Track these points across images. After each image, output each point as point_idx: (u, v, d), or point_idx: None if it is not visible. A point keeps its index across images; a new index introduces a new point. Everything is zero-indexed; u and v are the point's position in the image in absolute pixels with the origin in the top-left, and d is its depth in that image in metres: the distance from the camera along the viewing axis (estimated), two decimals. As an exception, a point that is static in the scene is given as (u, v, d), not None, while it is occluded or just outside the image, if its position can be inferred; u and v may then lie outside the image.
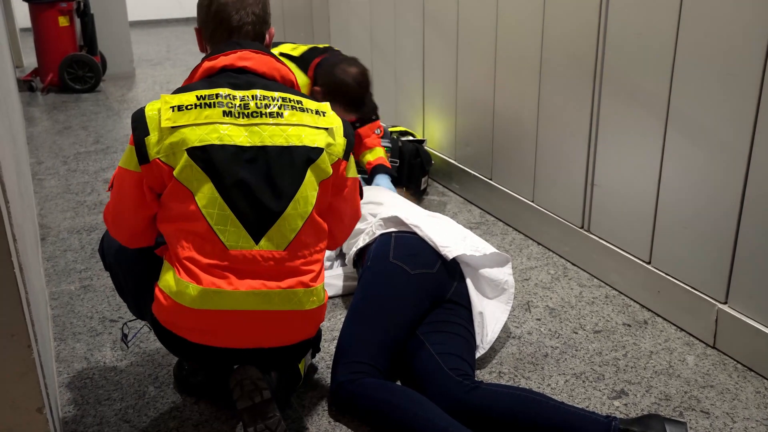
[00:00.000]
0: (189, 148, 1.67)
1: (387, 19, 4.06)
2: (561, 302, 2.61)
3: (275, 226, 1.71)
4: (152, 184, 1.72)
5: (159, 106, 1.71)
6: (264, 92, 1.76)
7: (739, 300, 2.23)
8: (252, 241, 1.69)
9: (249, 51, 1.83)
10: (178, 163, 1.67)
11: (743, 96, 2.08)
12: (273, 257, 1.71)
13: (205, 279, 1.67)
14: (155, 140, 1.68)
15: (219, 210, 1.68)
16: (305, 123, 1.77)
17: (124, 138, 4.71)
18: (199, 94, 1.72)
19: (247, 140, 1.71)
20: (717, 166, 2.22)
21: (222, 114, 1.70)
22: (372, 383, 1.94)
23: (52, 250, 3.06)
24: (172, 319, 1.73)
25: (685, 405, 2.05)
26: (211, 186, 1.67)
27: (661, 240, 2.47)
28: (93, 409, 2.05)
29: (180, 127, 1.68)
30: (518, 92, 3.07)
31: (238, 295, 1.70)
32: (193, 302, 1.68)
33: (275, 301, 1.72)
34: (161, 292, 1.73)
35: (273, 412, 1.77)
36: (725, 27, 2.11)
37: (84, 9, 6.01)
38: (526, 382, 2.16)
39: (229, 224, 1.68)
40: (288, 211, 1.72)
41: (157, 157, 1.68)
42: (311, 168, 1.75)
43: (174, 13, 10.06)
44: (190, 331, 1.74)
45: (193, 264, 1.69)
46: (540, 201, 3.07)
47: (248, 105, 1.73)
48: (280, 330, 1.78)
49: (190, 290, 1.67)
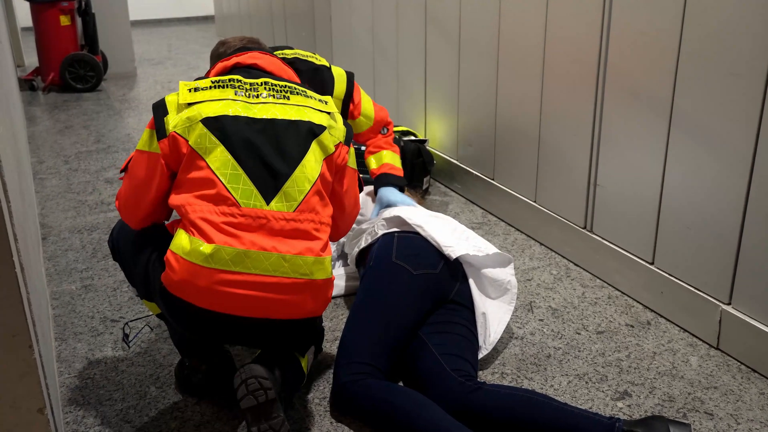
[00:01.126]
0: (204, 119, 1.81)
1: (389, 18, 4.06)
2: (564, 303, 2.60)
3: (284, 187, 1.81)
4: (169, 161, 1.84)
5: (177, 92, 1.88)
6: (272, 81, 1.94)
7: (743, 301, 2.22)
8: (263, 200, 1.79)
9: (258, 53, 2.05)
10: (193, 133, 1.80)
11: (747, 96, 2.07)
12: (284, 217, 1.79)
13: (218, 237, 1.73)
14: (173, 117, 1.83)
15: (231, 170, 1.78)
16: (309, 105, 1.93)
17: (126, 137, 4.70)
18: (213, 79, 1.91)
19: (257, 114, 1.85)
20: (721, 167, 2.21)
21: (234, 93, 1.87)
22: (374, 384, 1.93)
23: (54, 250, 3.06)
24: (182, 279, 1.74)
25: (688, 406, 2.04)
26: (223, 149, 1.79)
27: (664, 240, 2.46)
28: (94, 409, 2.04)
29: (196, 103, 1.84)
30: (520, 92, 3.06)
31: (248, 256, 1.73)
32: (205, 260, 1.72)
33: (285, 268, 1.76)
34: (173, 255, 1.76)
35: (277, 412, 1.76)
36: (729, 27, 2.10)
37: (85, 8, 6.01)
38: (529, 383, 2.15)
39: (242, 183, 1.78)
40: (296, 173, 1.82)
41: (174, 131, 1.81)
42: (315, 141, 1.88)
43: (175, 13, 10.07)
44: (198, 295, 1.75)
45: (206, 223, 1.75)
46: (542, 201, 3.06)
47: (257, 89, 1.91)
48: (289, 299, 1.79)
49: (203, 248, 1.72)
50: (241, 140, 1.80)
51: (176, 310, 1.81)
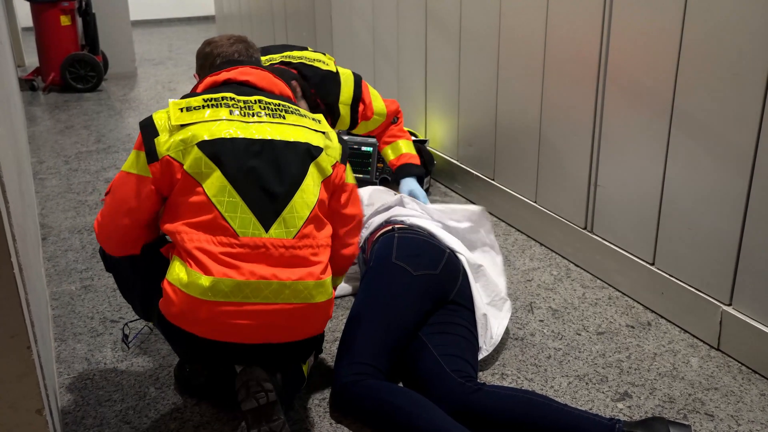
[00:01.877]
0: (199, 142, 1.73)
1: (389, 18, 4.05)
2: (564, 303, 2.60)
3: (284, 214, 1.75)
4: (160, 185, 1.76)
5: (167, 111, 1.79)
6: (265, 99, 1.88)
7: (744, 302, 2.21)
8: (262, 228, 1.73)
9: (249, 67, 1.97)
10: (188, 157, 1.72)
11: (748, 96, 2.07)
12: (283, 245, 1.74)
13: (216, 269, 1.68)
14: (165, 139, 1.74)
15: (229, 197, 1.72)
16: (305, 125, 1.87)
17: (126, 137, 4.70)
18: (205, 97, 1.82)
19: (253, 135, 1.78)
20: (721, 167, 2.20)
21: (229, 113, 1.79)
22: (374, 385, 1.93)
23: (53, 250, 3.06)
24: (181, 312, 1.71)
25: (689, 407, 2.04)
26: (220, 175, 1.72)
27: (664, 241, 2.46)
28: (93, 410, 2.04)
29: (189, 124, 1.75)
30: (521, 92, 3.06)
31: (248, 287, 1.70)
32: (204, 293, 1.68)
33: (286, 294, 1.73)
34: (170, 286, 1.72)
35: (278, 414, 1.76)
36: (730, 26, 2.09)
37: (86, 8, 6.01)
38: (529, 383, 2.14)
39: (239, 211, 1.72)
40: (295, 199, 1.77)
41: (167, 154, 1.73)
42: (313, 164, 1.83)
43: (176, 13, 10.07)
44: (198, 325, 1.72)
45: (203, 254, 1.70)
46: (543, 201, 3.05)
47: (252, 107, 1.83)
48: (290, 324, 1.77)
49: (201, 281, 1.67)
50: (239, 165, 1.73)
51: (177, 339, 1.80)
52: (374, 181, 3.34)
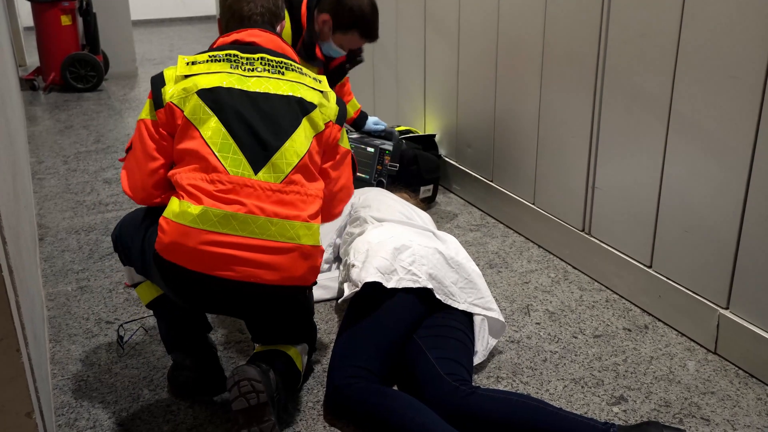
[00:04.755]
0: (199, 90, 1.86)
1: (388, 19, 4.04)
2: (561, 306, 2.59)
3: (273, 159, 1.84)
4: (166, 129, 1.90)
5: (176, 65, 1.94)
6: (268, 56, 1.98)
7: (741, 305, 2.20)
8: (251, 170, 1.82)
9: (258, 30, 2.06)
10: (188, 104, 1.86)
11: (746, 99, 2.06)
12: (270, 188, 1.82)
13: (206, 201, 1.78)
14: (170, 87, 1.90)
15: (222, 139, 1.83)
16: (303, 82, 1.97)
17: (126, 138, 4.70)
18: (210, 53, 1.97)
19: (250, 87, 1.90)
20: (719, 170, 2.19)
21: (230, 67, 1.92)
22: (368, 388, 1.92)
23: (50, 251, 3.05)
24: (171, 242, 1.76)
25: (685, 412, 2.02)
26: (216, 119, 1.84)
27: (662, 244, 2.44)
28: (87, 412, 2.03)
29: (192, 75, 1.90)
30: (519, 94, 3.05)
31: (235, 218, 1.76)
32: (194, 221, 1.76)
33: (272, 231, 1.79)
34: (164, 219, 1.80)
35: (269, 415, 1.76)
36: (728, 28, 2.08)
37: (87, 8, 6.01)
38: (525, 387, 2.13)
39: (231, 152, 1.83)
40: (285, 146, 1.86)
41: (170, 101, 1.87)
42: (306, 118, 1.92)
43: (177, 13, 10.07)
44: (187, 256, 1.76)
45: (196, 189, 1.79)
46: (540, 203, 3.04)
47: (253, 63, 1.95)
48: (276, 261, 1.80)
49: (191, 209, 1.76)
50: (234, 112, 1.85)
51: (168, 274, 1.82)
52: (372, 182, 3.33)
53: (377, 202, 2.66)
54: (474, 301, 2.19)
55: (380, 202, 2.65)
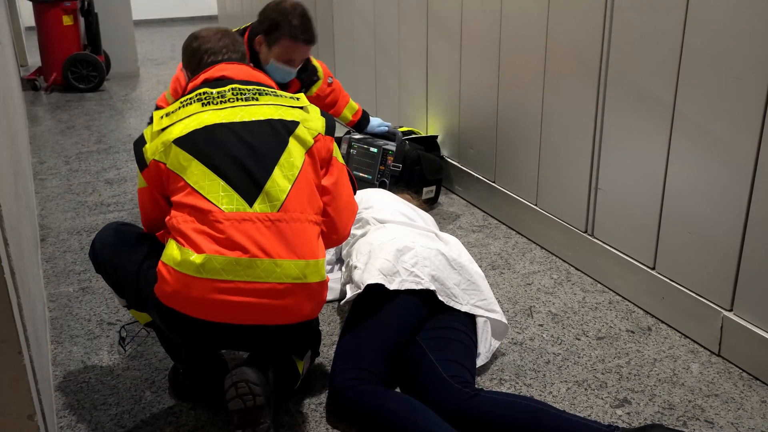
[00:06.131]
0: (175, 140, 1.83)
1: (391, 20, 4.04)
2: (564, 308, 2.58)
3: (265, 188, 1.80)
4: (156, 188, 1.87)
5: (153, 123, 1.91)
6: (239, 86, 1.95)
7: (745, 307, 2.19)
8: (245, 203, 1.78)
9: (224, 63, 2.04)
10: (169, 156, 1.82)
11: (750, 100, 2.05)
12: (268, 218, 1.78)
13: (207, 247, 1.73)
14: (150, 145, 1.87)
15: (209, 181, 1.79)
16: (280, 103, 1.94)
17: (127, 138, 4.69)
18: (181, 99, 1.93)
19: (226, 119, 1.86)
20: (723, 171, 2.18)
21: (201, 105, 1.89)
22: (371, 390, 1.91)
23: (52, 251, 3.05)
24: (175, 291, 1.73)
25: (689, 414, 2.02)
26: (198, 163, 1.80)
27: (665, 245, 2.44)
28: (88, 413, 2.02)
29: (167, 127, 1.87)
30: (522, 95, 3.04)
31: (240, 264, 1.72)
32: (197, 271, 1.71)
33: (277, 273, 1.75)
34: (165, 266, 1.76)
35: (264, 418, 1.75)
36: (732, 30, 2.07)
37: (88, 8, 6.01)
38: (527, 389, 2.13)
39: (221, 190, 1.79)
40: (275, 173, 1.82)
41: (153, 158, 1.84)
42: (292, 137, 1.88)
43: (179, 13, 10.07)
44: (192, 304, 1.74)
45: (194, 233, 1.75)
46: (543, 205, 3.03)
47: (224, 95, 1.92)
48: (284, 304, 1.77)
49: (194, 258, 1.72)
50: (216, 149, 1.81)
51: (171, 320, 1.80)
52: (374, 183, 3.33)
53: (379, 203, 2.66)
54: (477, 302, 2.19)
55: (382, 203, 2.65)
